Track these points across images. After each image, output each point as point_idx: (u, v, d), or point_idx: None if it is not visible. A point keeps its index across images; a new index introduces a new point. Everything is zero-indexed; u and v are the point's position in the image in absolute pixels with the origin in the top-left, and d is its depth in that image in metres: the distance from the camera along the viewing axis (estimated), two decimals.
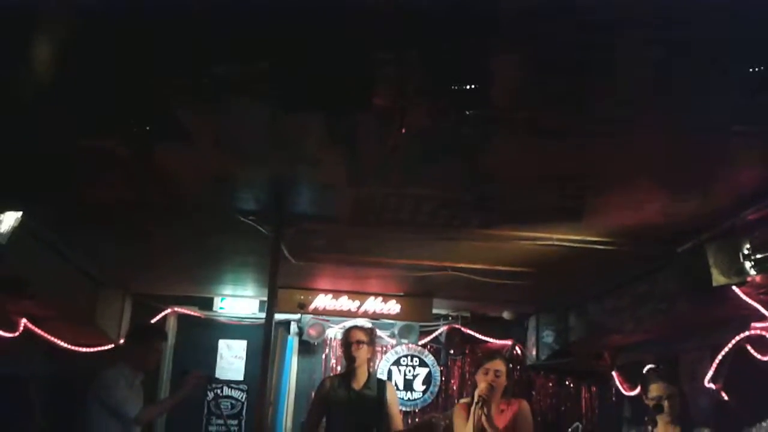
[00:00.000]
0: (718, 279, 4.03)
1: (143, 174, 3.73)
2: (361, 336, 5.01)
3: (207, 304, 7.55)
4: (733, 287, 4.08)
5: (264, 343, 4.71)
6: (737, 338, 4.78)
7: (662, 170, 3.51)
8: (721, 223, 3.99)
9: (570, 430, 7.15)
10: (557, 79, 2.61)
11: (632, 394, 6.34)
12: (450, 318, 7.70)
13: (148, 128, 2.70)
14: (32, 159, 3.59)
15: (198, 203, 4.24)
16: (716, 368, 5.00)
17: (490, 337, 7.63)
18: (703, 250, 4.14)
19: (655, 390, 3.84)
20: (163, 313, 7.35)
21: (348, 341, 5.02)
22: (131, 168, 3.64)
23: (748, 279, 3.91)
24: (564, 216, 4.14)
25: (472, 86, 2.43)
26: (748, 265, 3.85)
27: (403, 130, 2.75)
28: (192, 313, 7.49)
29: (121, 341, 6.83)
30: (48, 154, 3.51)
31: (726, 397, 5.00)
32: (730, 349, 4.88)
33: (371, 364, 5.24)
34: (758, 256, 3.81)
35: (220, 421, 7.14)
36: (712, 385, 5.03)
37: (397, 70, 2.50)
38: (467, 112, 2.48)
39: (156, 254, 5.61)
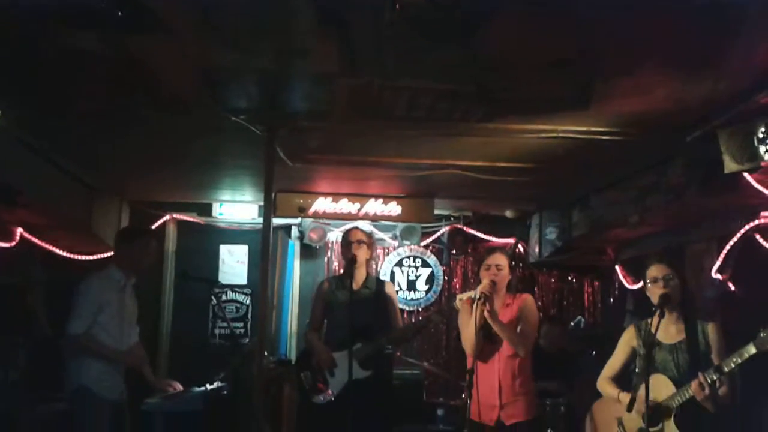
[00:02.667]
0: (729, 166, 3.89)
1: (124, 70, 3.52)
2: (361, 236, 5.09)
3: (206, 209, 7.46)
4: (745, 174, 3.97)
5: (263, 246, 4.64)
6: (746, 227, 4.72)
7: (672, 50, 3.27)
8: (734, 108, 3.79)
9: (572, 323, 7.23)
10: None
11: (635, 287, 6.34)
12: (452, 218, 7.64)
13: (119, 13, 2.49)
14: (10, 58, 3.39)
15: (185, 101, 4.02)
16: (723, 258, 4.94)
17: (493, 236, 7.59)
18: (715, 136, 3.97)
19: (654, 271, 3.76)
20: (161, 220, 7.28)
21: (348, 240, 5.07)
22: (111, 65, 3.44)
23: (762, 164, 3.78)
24: (569, 104, 3.94)
25: None
26: (762, 149, 3.71)
27: (398, 7, 2.53)
28: (191, 219, 7.42)
29: None
30: (26, 52, 3.30)
31: (733, 288, 4.97)
32: (738, 239, 4.82)
33: (370, 265, 5.27)
34: None
35: (225, 324, 7.19)
36: (719, 276, 4.98)
37: None
38: None
39: (148, 158, 5.45)
